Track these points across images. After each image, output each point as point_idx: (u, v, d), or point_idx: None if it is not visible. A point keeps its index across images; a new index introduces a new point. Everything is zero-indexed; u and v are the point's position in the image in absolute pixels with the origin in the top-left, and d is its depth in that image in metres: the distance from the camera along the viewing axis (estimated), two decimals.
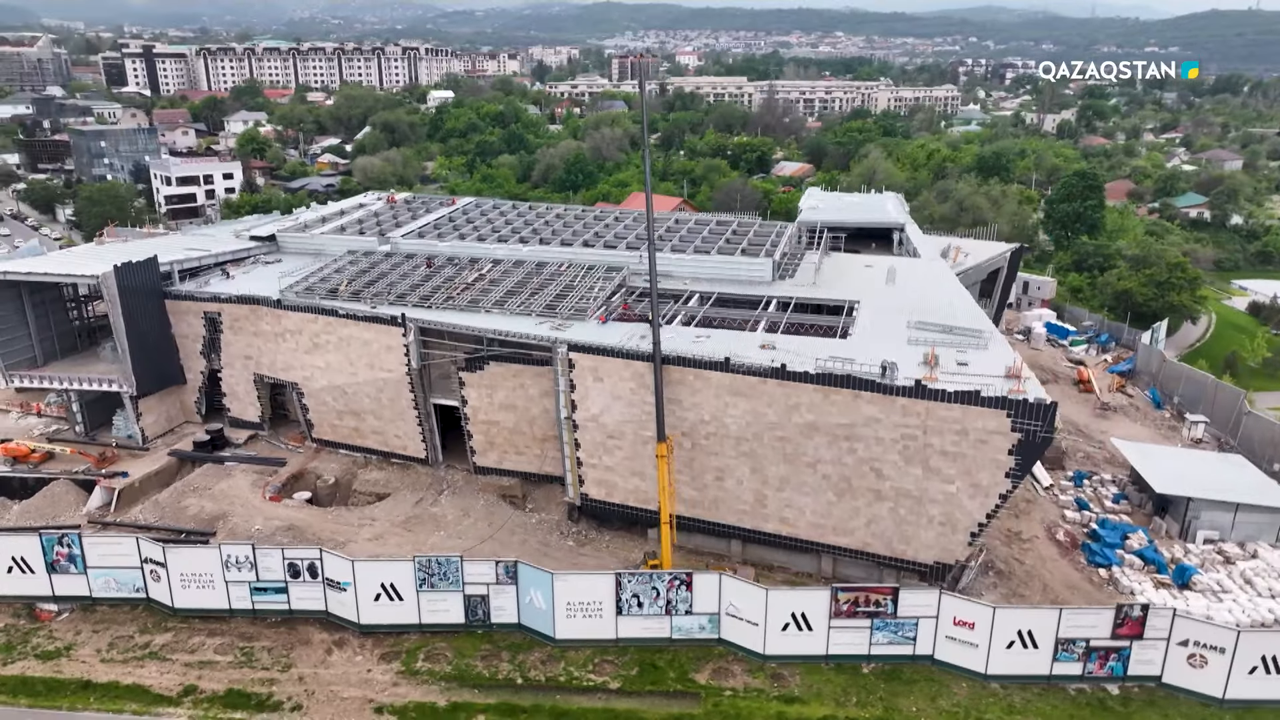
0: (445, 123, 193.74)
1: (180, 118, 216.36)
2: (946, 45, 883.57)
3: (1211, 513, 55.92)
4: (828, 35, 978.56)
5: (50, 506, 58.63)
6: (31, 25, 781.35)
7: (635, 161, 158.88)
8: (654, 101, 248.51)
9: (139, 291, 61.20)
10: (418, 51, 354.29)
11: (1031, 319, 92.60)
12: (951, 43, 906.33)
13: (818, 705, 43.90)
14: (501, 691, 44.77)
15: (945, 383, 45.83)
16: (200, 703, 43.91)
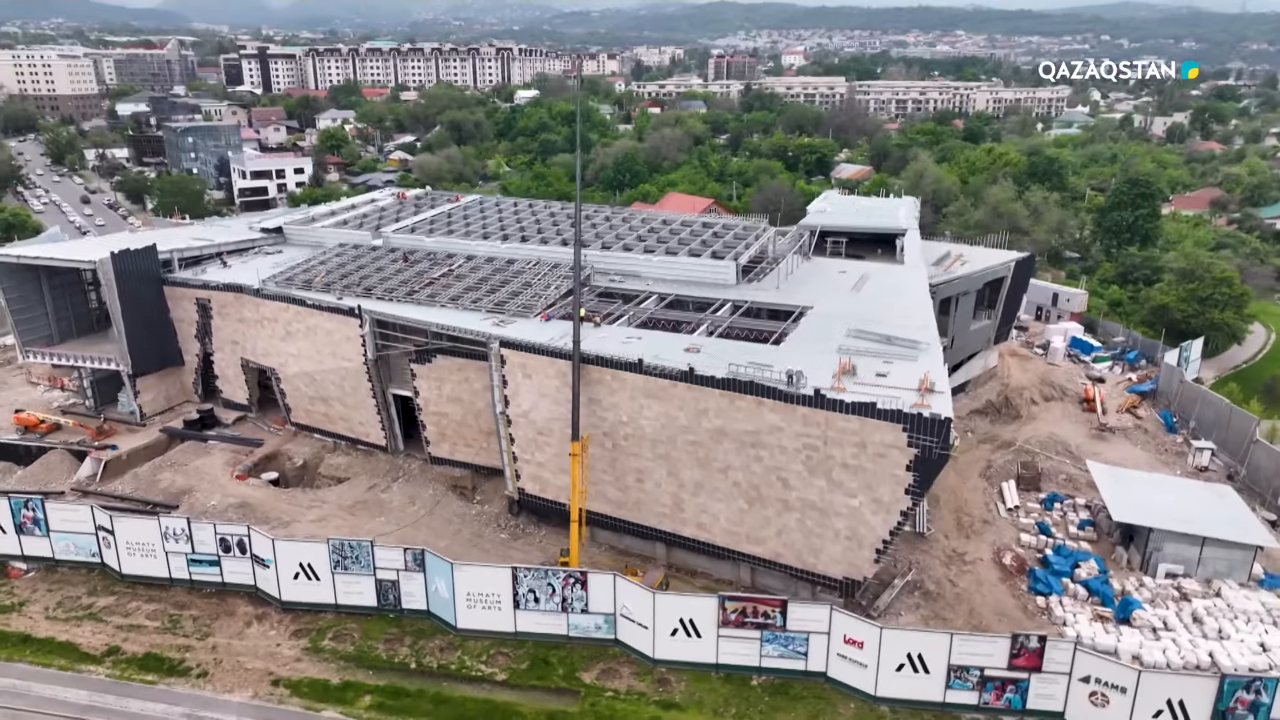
0: (518, 121, 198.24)
1: (275, 115, 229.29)
2: (1075, 44, 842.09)
3: (1175, 546, 52.27)
4: (947, 34, 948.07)
5: (46, 473, 63.51)
6: (181, 29, 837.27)
7: (693, 161, 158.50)
8: (731, 102, 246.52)
9: (136, 277, 65.46)
10: (510, 52, 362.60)
11: (1055, 333, 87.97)
12: (1081, 41, 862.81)
13: (695, 713, 43.50)
14: (393, 675, 46.17)
15: (848, 394, 44.54)
16: (119, 663, 46.99)
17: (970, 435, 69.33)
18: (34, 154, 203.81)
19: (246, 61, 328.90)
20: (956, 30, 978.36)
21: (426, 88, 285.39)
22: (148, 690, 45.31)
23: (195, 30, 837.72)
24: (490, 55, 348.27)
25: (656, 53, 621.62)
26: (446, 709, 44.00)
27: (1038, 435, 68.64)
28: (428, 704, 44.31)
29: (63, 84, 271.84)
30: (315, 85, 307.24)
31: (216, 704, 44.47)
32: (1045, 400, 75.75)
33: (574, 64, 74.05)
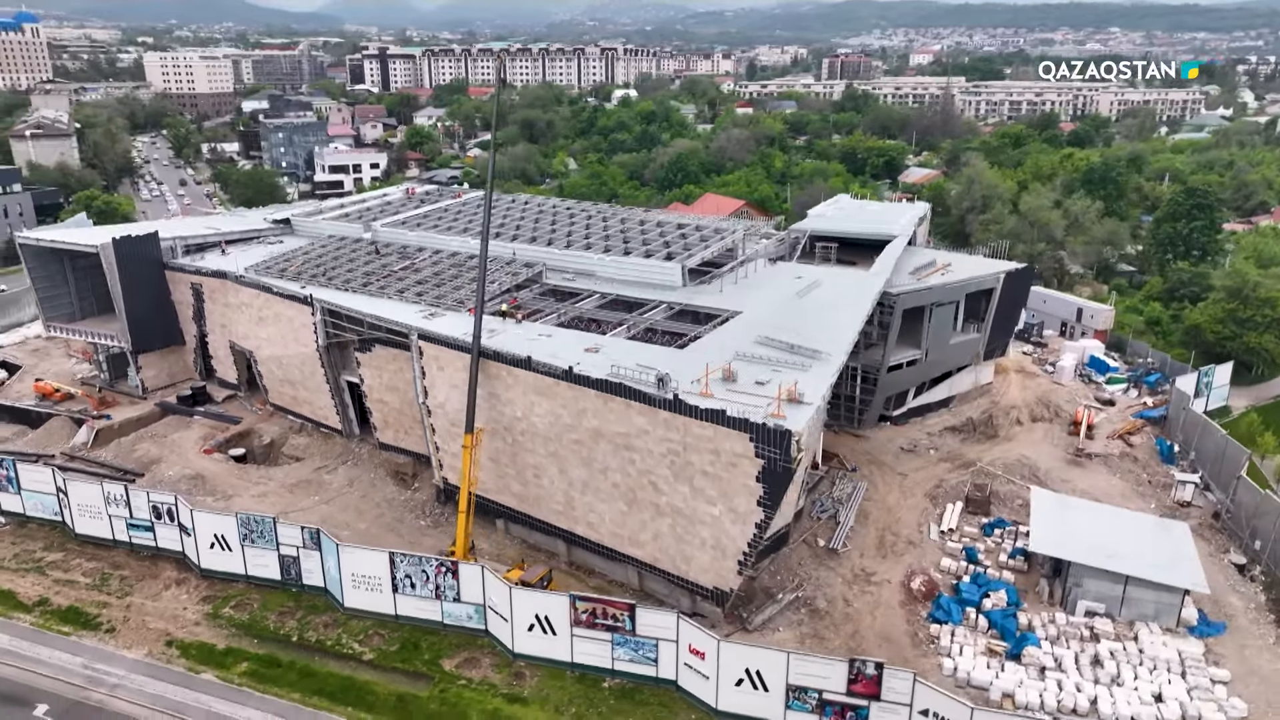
0: (598, 121, 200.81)
1: (375, 113, 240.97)
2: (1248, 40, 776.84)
3: (1096, 582, 48.73)
4: (1099, 31, 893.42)
5: (48, 438, 69.71)
6: (334, 31, 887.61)
7: (756, 163, 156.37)
8: (826, 103, 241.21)
9: (137, 261, 70.85)
10: (615, 52, 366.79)
11: (1071, 350, 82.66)
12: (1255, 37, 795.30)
13: (537, 709, 43.89)
14: (274, 645, 48.60)
15: (713, 401, 43.78)
16: (45, 614, 51.36)
17: (932, 453, 66.36)
18: (161, 148, 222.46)
19: (368, 62, 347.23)
20: (1110, 27, 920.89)
21: (530, 87, 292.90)
22: (60, 640, 49.35)
23: (345, 32, 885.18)
24: (595, 55, 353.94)
25: (778, 52, 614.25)
26: (309, 682, 46.02)
27: (1006, 457, 65.06)
28: (294, 676, 46.44)
29: (201, 83, 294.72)
30: (429, 84, 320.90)
31: (113, 658, 48.00)
32: (1033, 421, 71.51)
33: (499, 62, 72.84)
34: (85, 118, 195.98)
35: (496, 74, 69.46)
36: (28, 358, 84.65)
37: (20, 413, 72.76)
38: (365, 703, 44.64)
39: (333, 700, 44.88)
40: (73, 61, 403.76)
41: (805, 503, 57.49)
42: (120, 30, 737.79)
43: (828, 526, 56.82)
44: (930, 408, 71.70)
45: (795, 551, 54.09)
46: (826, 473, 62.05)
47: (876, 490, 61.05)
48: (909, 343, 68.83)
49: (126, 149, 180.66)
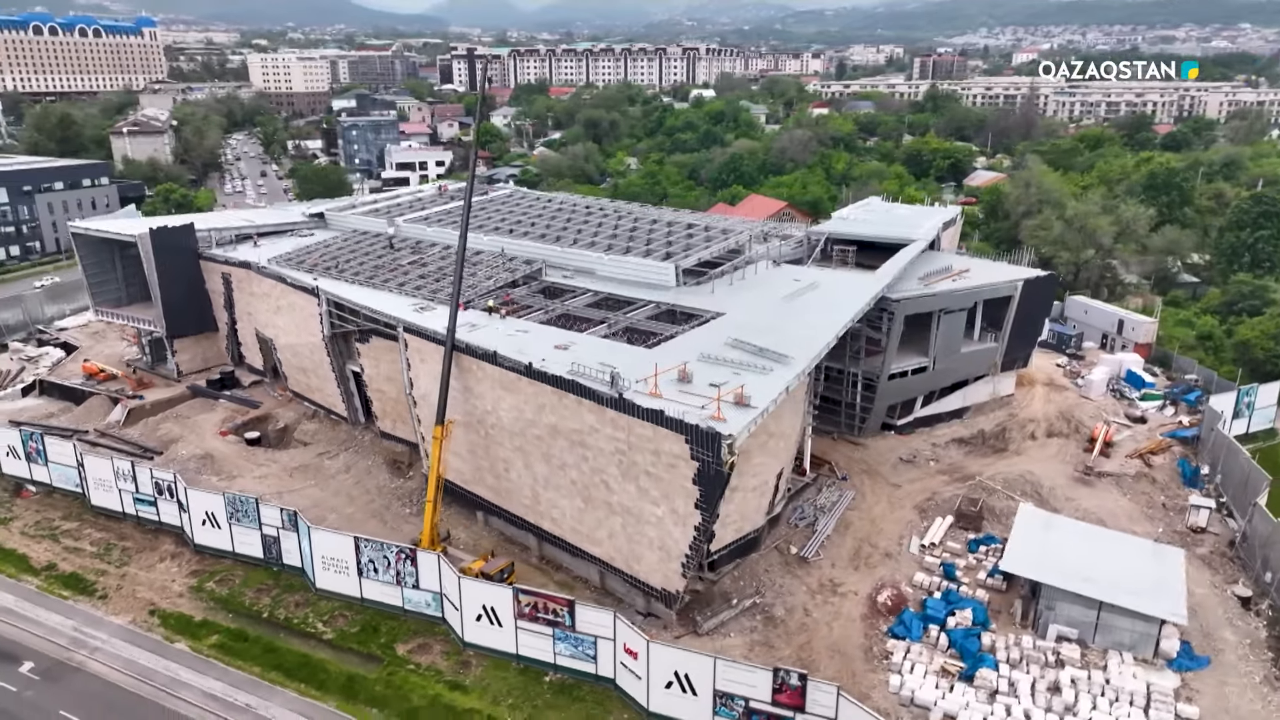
0: (666, 120, 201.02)
1: (452, 112, 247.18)
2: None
3: (1068, 607, 46.48)
4: (1227, 28, 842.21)
5: (88, 415, 74.31)
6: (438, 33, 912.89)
7: (816, 164, 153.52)
8: (903, 103, 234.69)
9: (173, 251, 74.84)
10: (697, 52, 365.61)
11: (1106, 364, 78.69)
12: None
13: (475, 698, 44.63)
14: (246, 620, 50.78)
15: (659, 402, 43.64)
16: (50, 579, 54.92)
17: (932, 464, 64.29)
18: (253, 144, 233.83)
19: (456, 62, 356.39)
20: (1241, 24, 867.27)
21: (609, 86, 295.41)
22: (58, 603, 52.72)
23: (448, 34, 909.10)
24: (676, 56, 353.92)
25: (873, 51, 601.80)
26: (270, 657, 47.92)
27: (1009, 472, 62.51)
28: (258, 650, 48.43)
29: (298, 83, 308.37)
30: (515, 83, 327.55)
31: (101, 623, 51.00)
32: (1049, 436, 68.46)
33: (483, 65, 72.83)
34: (183, 116, 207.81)
35: (481, 76, 70.06)
36: (86, 340, 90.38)
37: (68, 390, 77.73)
38: (317, 680, 46.22)
39: (288, 676, 46.63)
40: (188, 63, 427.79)
41: (784, 509, 56.57)
42: (240, 33, 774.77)
43: (804, 534, 55.78)
44: (941, 418, 69.47)
45: (765, 557, 53.29)
46: (814, 480, 60.84)
47: (864, 500, 59.56)
48: (916, 350, 66.93)
49: (214, 145, 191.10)
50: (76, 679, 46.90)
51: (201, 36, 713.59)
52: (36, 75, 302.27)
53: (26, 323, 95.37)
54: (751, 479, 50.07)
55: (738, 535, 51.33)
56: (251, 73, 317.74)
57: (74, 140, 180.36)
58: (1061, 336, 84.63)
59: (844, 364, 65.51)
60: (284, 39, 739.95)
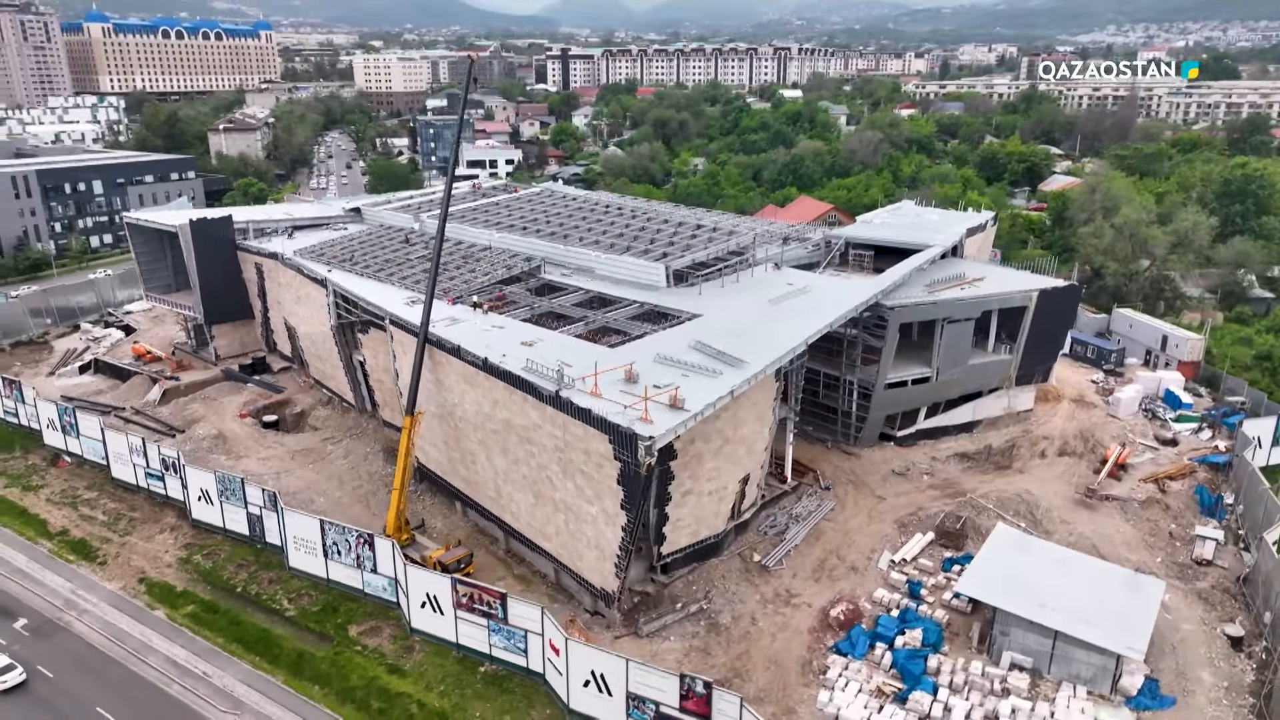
0: (742, 121, 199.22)
1: (535, 111, 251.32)
2: None
3: (1024, 634, 44.29)
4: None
5: (130, 392, 79.29)
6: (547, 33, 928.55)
7: (888, 166, 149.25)
8: (994, 104, 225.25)
9: (212, 241, 79.08)
10: (788, 52, 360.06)
11: (1142, 381, 74.14)
12: None
13: (410, 683, 45.71)
14: (220, 593, 53.39)
15: (580, 399, 43.77)
16: (61, 543, 59.01)
17: (925, 478, 62.04)
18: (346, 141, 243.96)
19: (550, 62, 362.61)
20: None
21: (698, 86, 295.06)
22: (63, 567, 56.64)
23: (557, 34, 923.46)
24: (767, 56, 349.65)
25: (984, 51, 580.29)
26: (234, 629, 50.26)
27: (1006, 490, 59.73)
28: (224, 622, 50.86)
29: (398, 82, 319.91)
30: (605, 82, 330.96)
31: (95, 587, 54.53)
32: (1061, 455, 65.06)
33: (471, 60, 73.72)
34: (281, 114, 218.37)
35: (466, 75, 70.88)
36: (147, 323, 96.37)
37: (117, 369, 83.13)
38: (270, 654, 48.23)
39: (245, 648, 48.82)
40: (302, 64, 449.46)
41: (754, 515, 55.66)
42: (359, 35, 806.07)
43: (772, 542, 54.77)
44: (947, 430, 66.90)
45: (726, 564, 52.59)
46: (794, 488, 59.60)
47: (843, 511, 58.01)
48: (919, 360, 64.74)
49: (303, 142, 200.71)
50: (60, 637, 50.30)
51: (323, 38, 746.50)
52: (164, 76, 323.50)
53: (99, 305, 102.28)
54: (706, 483, 49.57)
55: (694, 539, 50.86)
56: (356, 73, 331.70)
57: (178, 136, 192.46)
58: (1101, 351, 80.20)
59: (840, 371, 64.02)
60: (398, 40, 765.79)
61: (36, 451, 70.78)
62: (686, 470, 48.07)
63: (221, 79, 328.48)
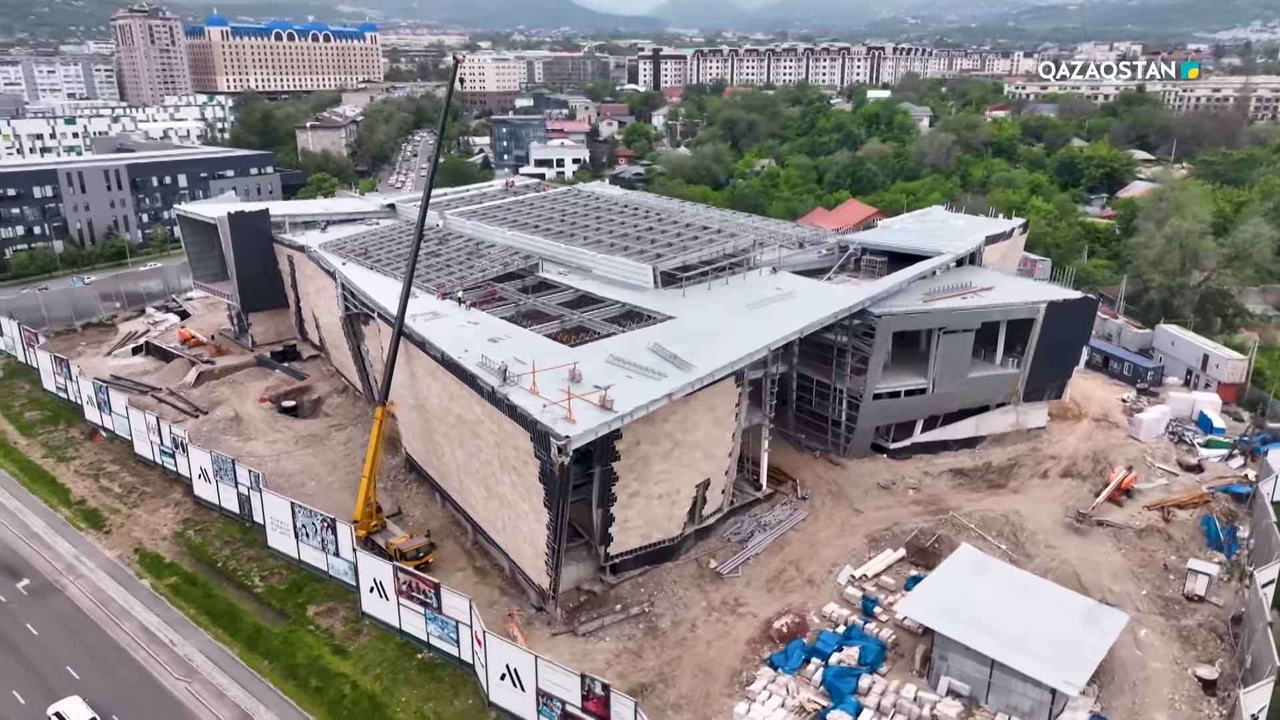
0: (818, 122, 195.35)
1: (615, 110, 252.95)
2: None
3: (962, 661, 42.45)
4: None
5: (170, 374, 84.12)
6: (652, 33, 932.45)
7: (954, 170, 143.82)
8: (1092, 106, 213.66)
9: (249, 233, 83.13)
10: (882, 51, 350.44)
11: (1175, 403, 69.56)
12: None
13: (351, 664, 47.13)
14: (202, 567, 56.20)
15: (514, 395, 44.22)
16: (77, 511, 63.23)
17: (911, 493, 59.97)
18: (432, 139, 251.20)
19: (643, 63, 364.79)
20: None
21: (785, 86, 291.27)
22: (72, 532, 60.70)
23: (663, 35, 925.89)
24: (860, 55, 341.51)
25: (1105, 49, 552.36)
26: (205, 601, 52.86)
27: (994, 510, 57.18)
28: (199, 594, 53.56)
29: (491, 82, 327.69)
30: (696, 82, 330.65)
31: (95, 554, 58.23)
32: (1064, 476, 61.79)
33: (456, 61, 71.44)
34: (371, 113, 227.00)
35: (451, 75, 71.11)
36: (202, 309, 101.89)
37: (163, 352, 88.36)
38: (232, 628, 50.56)
39: (212, 620, 51.32)
40: (407, 64, 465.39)
41: (718, 521, 54.98)
42: (470, 36, 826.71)
43: (734, 549, 54.02)
44: (947, 445, 64.52)
45: (680, 568, 52.21)
46: (769, 495, 58.55)
47: (815, 522, 56.69)
48: (914, 370, 62.61)
49: (383, 140, 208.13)
50: (54, 599, 53.97)
51: (434, 39, 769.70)
52: (275, 76, 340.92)
53: (166, 291, 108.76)
54: (655, 486, 49.38)
55: (645, 542, 50.70)
56: None
57: (271, 133, 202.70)
58: (1138, 368, 75.63)
59: (831, 379, 62.52)
60: (506, 41, 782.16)
61: (78, 425, 75.91)
62: (632, 472, 48.01)
63: (328, 79, 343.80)
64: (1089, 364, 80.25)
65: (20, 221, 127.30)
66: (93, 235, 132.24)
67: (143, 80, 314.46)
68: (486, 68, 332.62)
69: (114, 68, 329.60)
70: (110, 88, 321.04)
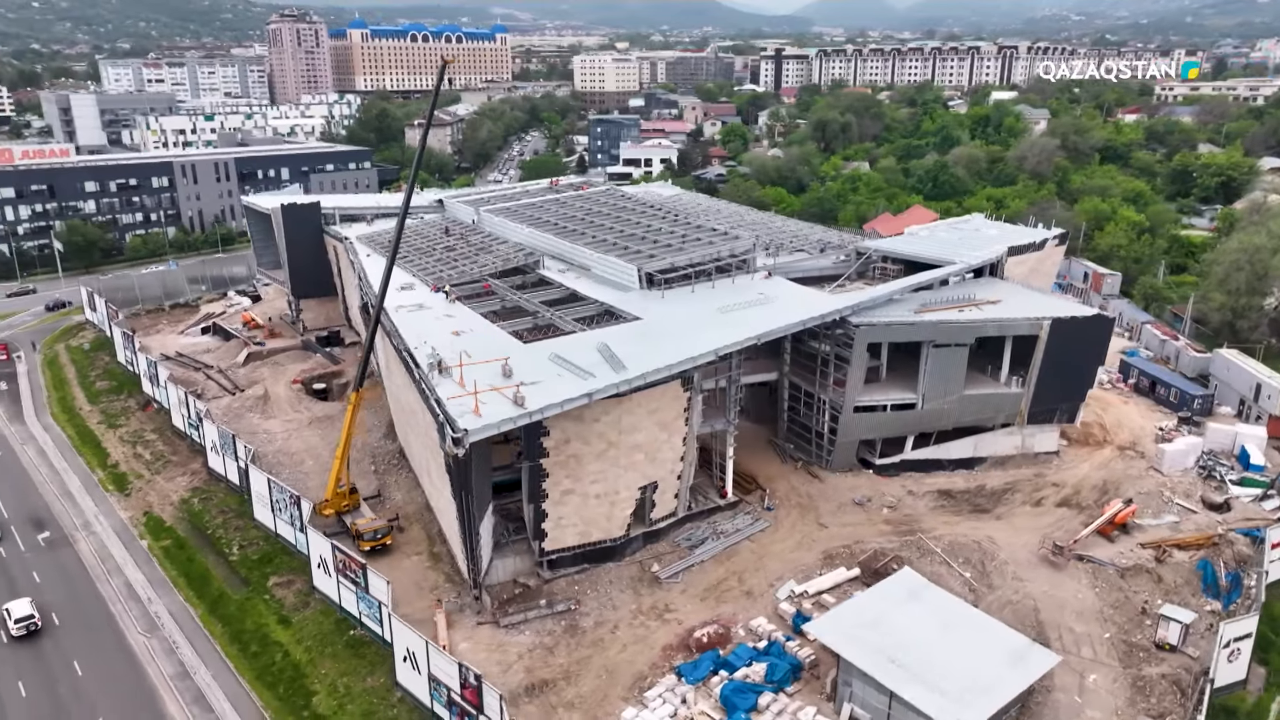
0: (922, 124, 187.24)
1: (719, 110, 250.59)
2: None
3: (865, 688, 40.69)
4: None
5: (225, 353, 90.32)
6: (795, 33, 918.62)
7: (1052, 177, 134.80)
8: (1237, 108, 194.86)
9: (300, 224, 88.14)
10: (1015, 51, 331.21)
11: (1213, 435, 63.73)
12: None
13: (289, 634, 49.55)
14: (193, 533, 60.27)
15: (440, 386, 45.36)
16: (109, 473, 68.94)
17: (885, 511, 57.47)
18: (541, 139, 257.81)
19: (764, 63, 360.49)
20: None
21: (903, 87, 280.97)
22: (99, 493, 66.27)
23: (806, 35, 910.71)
24: (991, 54, 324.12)
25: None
26: (186, 565, 56.73)
27: (966, 537, 54.34)
28: (183, 558, 57.56)
29: (610, 82, 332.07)
30: (819, 82, 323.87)
31: (112, 514, 63.43)
32: (1060, 505, 57.75)
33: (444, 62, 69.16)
34: (484, 111, 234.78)
35: (438, 78, 71.19)
36: (274, 294, 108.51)
37: (226, 333, 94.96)
38: (200, 590, 54.16)
39: (187, 582, 55.11)
40: (539, 64, 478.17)
41: (669, 525, 54.47)
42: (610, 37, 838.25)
43: (681, 555, 53.40)
44: (941, 464, 61.48)
45: (622, 569, 52.10)
46: (733, 504, 57.43)
47: (774, 534, 55.28)
48: (906, 385, 59.97)
49: (485, 139, 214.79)
50: (64, 551, 59.22)
51: (575, 40, 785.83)
52: (408, 76, 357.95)
53: (248, 276, 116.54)
54: (591, 485, 49.55)
55: (582, 540, 50.93)
56: (575, 73, 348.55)
57: (386, 130, 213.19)
58: (1185, 395, 69.48)
59: (815, 389, 60.76)
60: (645, 41, 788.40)
61: (137, 396, 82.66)
62: (564, 470, 48.34)
63: (458, 79, 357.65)
64: (1136, 388, 74.56)
65: (140, 209, 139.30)
66: (202, 223, 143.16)
67: (289, 80, 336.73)
68: (606, 68, 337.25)
69: (265, 68, 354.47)
70: (261, 87, 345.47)
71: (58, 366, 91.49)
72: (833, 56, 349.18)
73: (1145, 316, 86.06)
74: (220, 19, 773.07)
